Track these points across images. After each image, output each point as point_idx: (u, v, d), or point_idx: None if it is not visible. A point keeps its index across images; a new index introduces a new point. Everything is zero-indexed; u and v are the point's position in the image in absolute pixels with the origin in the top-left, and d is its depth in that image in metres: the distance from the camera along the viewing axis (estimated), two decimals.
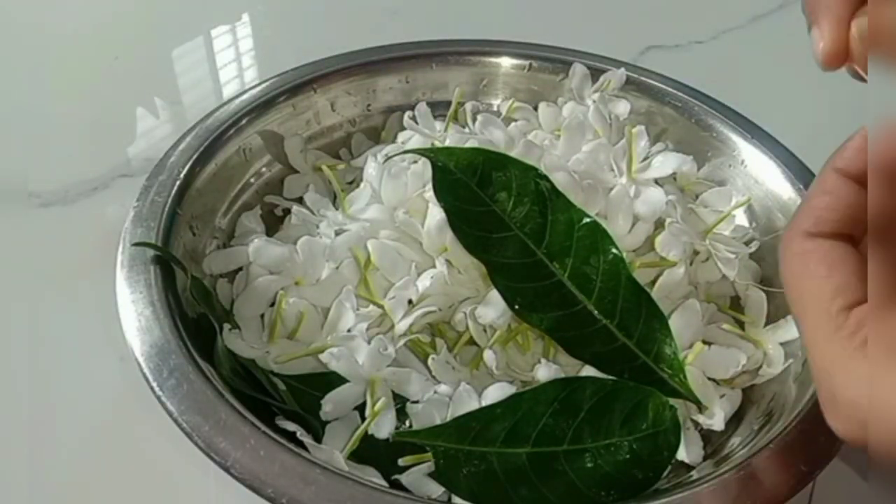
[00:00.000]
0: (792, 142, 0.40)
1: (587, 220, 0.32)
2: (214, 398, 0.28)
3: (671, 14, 0.67)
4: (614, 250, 0.31)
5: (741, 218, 0.39)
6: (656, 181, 0.37)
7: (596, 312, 0.31)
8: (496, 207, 0.33)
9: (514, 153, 0.37)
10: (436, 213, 0.34)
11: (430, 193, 0.35)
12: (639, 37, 0.63)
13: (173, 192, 0.35)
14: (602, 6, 0.67)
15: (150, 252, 0.32)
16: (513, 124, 0.40)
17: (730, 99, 0.43)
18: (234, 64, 0.64)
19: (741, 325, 0.35)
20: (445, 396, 0.31)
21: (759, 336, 0.34)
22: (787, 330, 0.33)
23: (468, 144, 0.36)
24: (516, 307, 0.31)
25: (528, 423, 0.28)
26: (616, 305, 0.31)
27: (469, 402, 0.30)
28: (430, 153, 0.34)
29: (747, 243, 0.37)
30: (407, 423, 0.31)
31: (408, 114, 0.40)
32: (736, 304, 0.37)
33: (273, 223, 0.40)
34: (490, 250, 0.32)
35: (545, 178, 0.33)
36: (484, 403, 0.30)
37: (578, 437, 0.28)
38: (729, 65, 0.63)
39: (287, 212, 0.40)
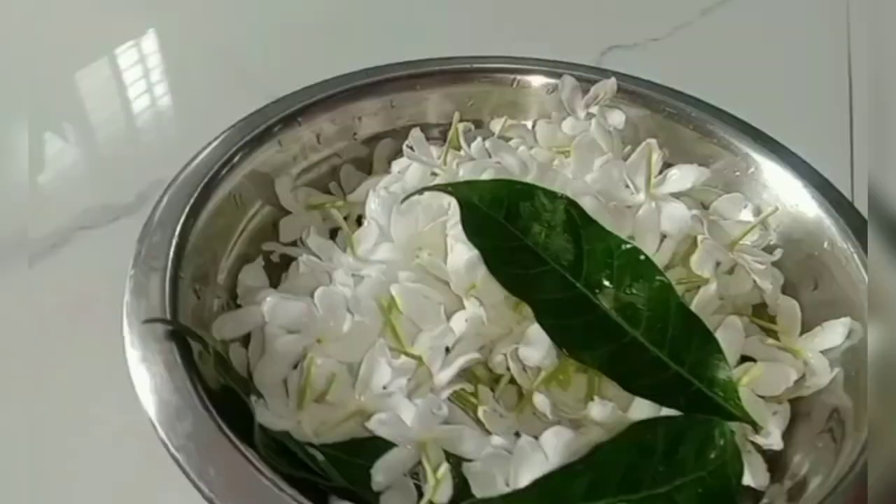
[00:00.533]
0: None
1: (625, 246, 0.31)
2: (252, 476, 0.25)
3: (628, 13, 0.67)
4: (660, 277, 0.30)
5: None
6: (674, 195, 0.36)
7: (646, 343, 0.30)
8: (529, 241, 0.31)
9: (528, 179, 0.36)
10: (461, 251, 0.32)
11: (452, 231, 0.33)
12: (600, 37, 0.62)
13: (171, 254, 0.31)
14: (561, 8, 0.67)
15: (160, 327, 0.29)
16: (521, 148, 0.39)
17: (694, 93, 0.42)
18: (142, 81, 0.61)
19: (774, 334, 0.35)
20: (503, 450, 0.29)
21: (797, 345, 0.34)
22: (825, 337, 0.33)
23: (486, 175, 0.34)
24: (565, 349, 0.30)
25: (608, 474, 0.26)
26: (666, 334, 0.30)
27: (532, 455, 0.28)
28: (450, 189, 0.32)
29: (768, 250, 0.37)
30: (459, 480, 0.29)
31: (406, 143, 0.38)
32: (758, 311, 0.37)
33: (272, 269, 0.37)
34: (531, 289, 0.30)
35: (575, 204, 0.32)
36: (545, 450, 0.28)
37: (657, 479, 0.27)
38: (687, 59, 0.63)
39: (285, 257, 0.37)
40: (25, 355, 0.38)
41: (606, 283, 0.31)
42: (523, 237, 0.31)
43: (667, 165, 0.40)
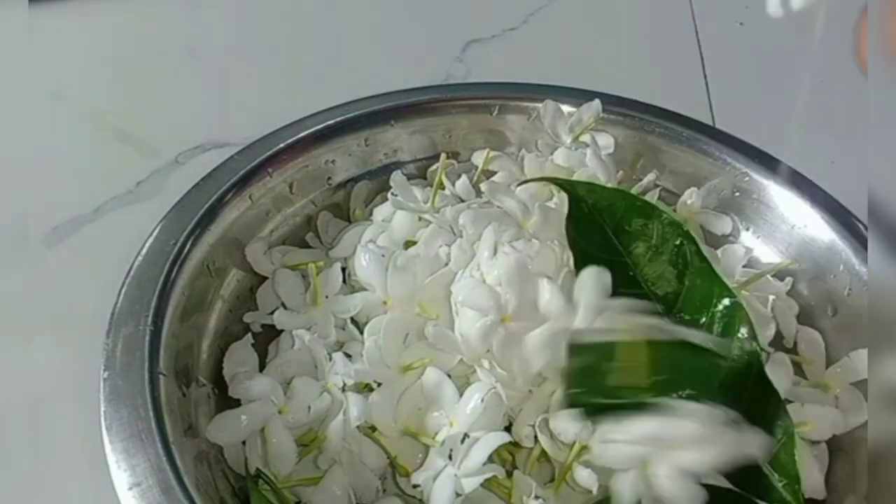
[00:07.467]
0: None
1: (731, 299, 0.28)
2: None
3: (481, 6, 0.63)
4: (755, 343, 0.28)
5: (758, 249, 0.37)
6: None
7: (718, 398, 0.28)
8: (629, 259, 0.29)
9: (531, 221, 0.33)
10: (471, 318, 0.29)
11: (460, 297, 0.30)
12: (457, 34, 0.59)
13: (147, 347, 0.28)
14: (413, 8, 0.62)
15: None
16: (519, 188, 0.36)
17: (558, 78, 0.41)
18: None
19: (797, 367, 0.33)
20: None
21: (825, 379, 0.32)
22: (854, 369, 0.32)
23: (483, 218, 0.32)
24: None
25: None
26: (740, 398, 0.27)
27: None
28: (569, 185, 0.31)
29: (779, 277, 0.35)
30: None
31: (391, 192, 0.35)
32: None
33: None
34: None
35: (691, 238, 0.29)
36: None
37: None
38: (548, 45, 0.60)
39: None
40: None
41: (696, 327, 0.28)
42: (625, 254, 0.29)
43: (655, 186, 0.39)
